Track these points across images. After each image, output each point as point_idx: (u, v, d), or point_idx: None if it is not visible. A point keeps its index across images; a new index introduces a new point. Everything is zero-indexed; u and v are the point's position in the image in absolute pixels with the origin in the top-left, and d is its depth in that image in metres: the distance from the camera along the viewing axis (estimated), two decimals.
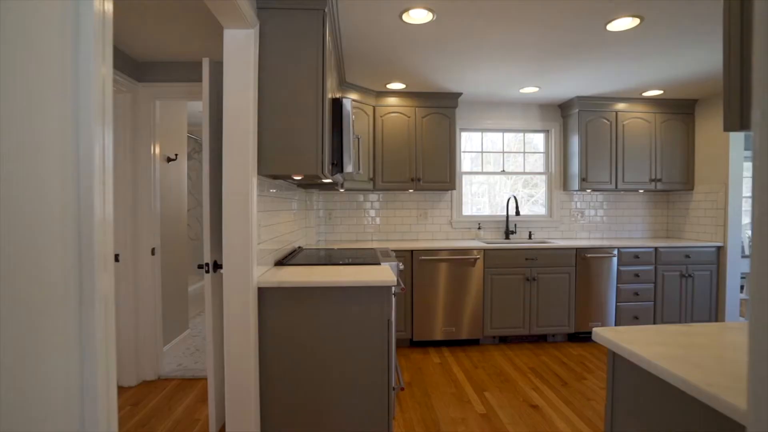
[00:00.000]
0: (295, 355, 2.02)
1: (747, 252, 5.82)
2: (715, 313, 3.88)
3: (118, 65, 2.70)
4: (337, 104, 2.39)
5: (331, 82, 2.34)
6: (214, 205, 2.13)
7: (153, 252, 2.98)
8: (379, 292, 2.01)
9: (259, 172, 2.00)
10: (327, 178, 2.25)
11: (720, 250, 3.87)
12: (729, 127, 0.74)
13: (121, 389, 2.83)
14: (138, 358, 2.93)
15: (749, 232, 6.11)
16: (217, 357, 2.20)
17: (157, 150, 3.02)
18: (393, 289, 2.07)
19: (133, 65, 2.86)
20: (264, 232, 2.20)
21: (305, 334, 2.01)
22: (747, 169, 6.41)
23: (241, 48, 1.86)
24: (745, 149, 6.27)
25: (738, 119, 0.71)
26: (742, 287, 4.69)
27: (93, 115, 0.69)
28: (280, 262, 2.45)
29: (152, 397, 2.71)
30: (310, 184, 2.98)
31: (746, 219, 6.48)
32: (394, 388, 2.25)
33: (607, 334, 1.12)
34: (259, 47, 1.97)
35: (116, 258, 2.86)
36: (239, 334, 1.94)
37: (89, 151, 0.69)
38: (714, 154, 3.96)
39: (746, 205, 6.48)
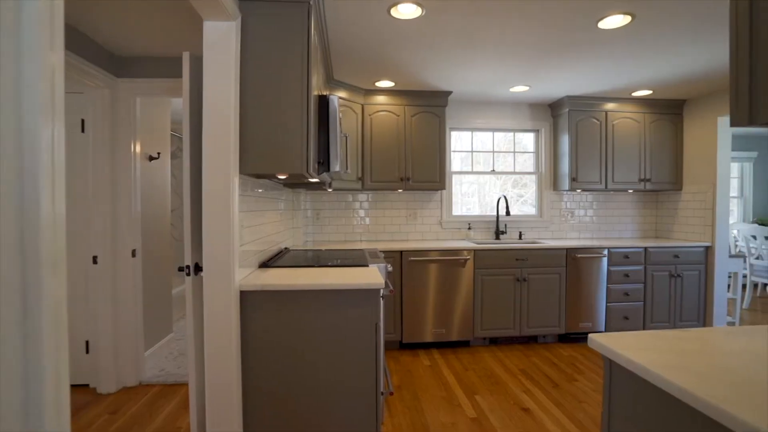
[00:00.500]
0: (280, 360, 1.95)
1: (733, 252, 5.87)
2: (703, 313, 3.89)
3: (95, 59, 2.59)
4: (323, 101, 2.32)
5: (317, 79, 2.28)
6: (194, 206, 2.04)
7: (134, 253, 2.88)
8: (366, 295, 1.95)
9: (241, 171, 1.93)
10: (313, 177, 2.18)
11: (708, 250, 3.88)
12: (737, 123, 0.69)
13: (99, 396, 2.72)
14: (118, 364, 2.83)
15: (734, 232, 6.17)
16: (199, 363, 2.12)
17: (138, 148, 2.92)
18: (381, 291, 2.01)
19: (111, 60, 2.76)
20: (247, 233, 2.13)
21: (290, 339, 1.94)
22: (734, 169, 6.48)
23: (221, 41, 1.78)
24: (733, 150, 6.34)
25: (746, 114, 0.67)
26: (729, 286, 4.72)
27: (39, 108, 0.61)
28: (265, 264, 2.37)
29: (132, 405, 2.62)
30: (297, 183, 2.91)
31: (732, 219, 6.55)
32: (382, 393, 2.19)
33: (602, 340, 1.08)
34: (241, 41, 1.90)
35: (94, 260, 2.75)
36: (220, 340, 1.87)
37: (35, 147, 0.61)
38: (702, 155, 3.97)
39: (732, 205, 6.55)
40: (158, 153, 3.32)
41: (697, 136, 4.03)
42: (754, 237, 5.30)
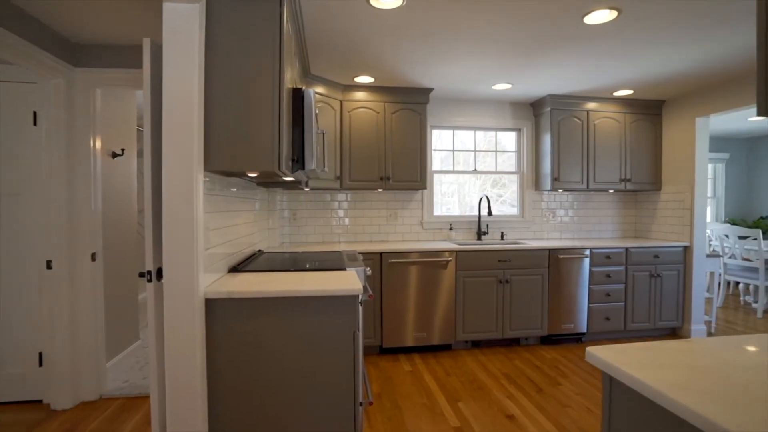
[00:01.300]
0: (251, 373, 1.80)
1: (707, 251, 5.98)
2: (681, 312, 3.90)
3: (49, 46, 2.38)
4: (298, 95, 2.18)
5: (291, 71, 2.13)
6: (156, 206, 1.87)
7: (93, 257, 2.67)
8: (344, 301, 1.82)
9: (207, 168, 1.77)
10: (287, 175, 2.04)
11: (686, 250, 3.90)
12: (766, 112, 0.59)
13: (53, 413, 2.51)
14: (75, 376, 2.62)
15: (708, 232, 6.29)
16: (161, 376, 1.95)
17: (99, 144, 2.71)
18: (360, 297, 1.88)
19: (67, 47, 2.55)
20: (215, 235, 1.97)
21: (261, 350, 1.80)
22: (711, 170, 6.60)
23: (183, 25, 1.63)
24: (710, 151, 6.46)
25: None
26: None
27: None
28: (235, 269, 2.22)
29: (90, 421, 2.42)
30: (272, 182, 2.75)
31: (708, 218, 6.68)
32: (361, 404, 2.06)
33: (602, 354, 0.98)
34: (206, 27, 1.74)
35: (48, 265, 2.54)
36: (183, 353, 1.71)
37: None
38: (680, 155, 3.98)
39: (708, 205, 6.68)
40: (122, 149, 3.10)
41: (675, 136, 4.04)
42: (727, 236, 5.40)
